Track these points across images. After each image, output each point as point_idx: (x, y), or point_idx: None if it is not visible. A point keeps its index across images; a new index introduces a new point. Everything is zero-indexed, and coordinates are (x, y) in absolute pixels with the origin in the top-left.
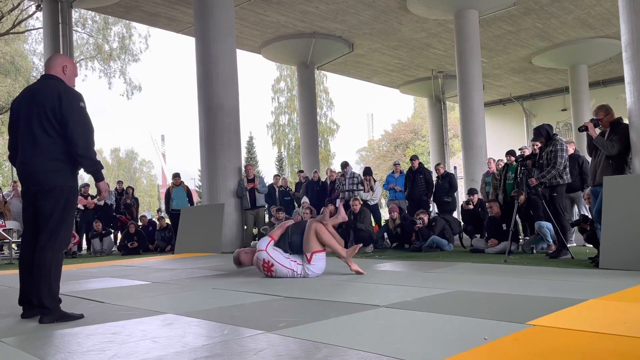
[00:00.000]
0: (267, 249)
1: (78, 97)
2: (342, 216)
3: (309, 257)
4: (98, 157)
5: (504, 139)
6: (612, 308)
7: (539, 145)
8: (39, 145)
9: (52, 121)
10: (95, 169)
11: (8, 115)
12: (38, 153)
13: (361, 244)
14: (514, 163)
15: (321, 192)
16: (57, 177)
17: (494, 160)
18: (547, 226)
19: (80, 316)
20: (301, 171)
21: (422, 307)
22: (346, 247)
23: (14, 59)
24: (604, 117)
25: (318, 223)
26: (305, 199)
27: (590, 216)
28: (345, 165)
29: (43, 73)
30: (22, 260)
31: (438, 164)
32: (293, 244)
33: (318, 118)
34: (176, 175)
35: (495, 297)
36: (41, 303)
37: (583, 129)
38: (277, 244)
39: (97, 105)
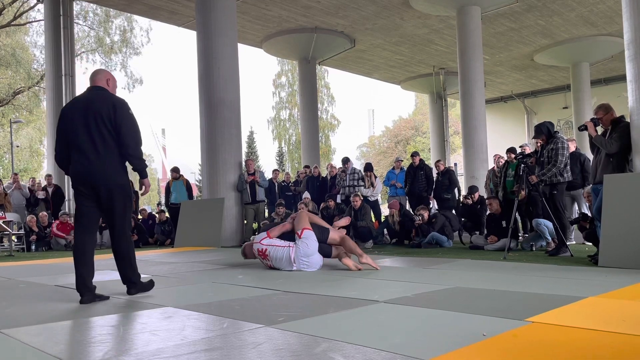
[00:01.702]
0: (261, 241)
1: (128, 106)
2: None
3: (299, 233)
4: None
5: (505, 136)
6: (611, 306)
7: (540, 142)
8: (100, 150)
9: (109, 127)
10: (142, 167)
11: (10, 108)
12: (100, 156)
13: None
14: (514, 160)
15: (321, 187)
16: (120, 176)
17: (499, 156)
18: (545, 224)
19: (152, 285)
20: (307, 166)
21: (421, 302)
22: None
23: (15, 50)
24: (604, 116)
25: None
26: (306, 194)
27: (590, 214)
28: (346, 161)
29: (89, 86)
30: (79, 248)
31: (438, 161)
32: (290, 235)
33: (319, 113)
34: (175, 170)
35: (494, 294)
36: (129, 279)
37: (583, 128)
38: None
39: None
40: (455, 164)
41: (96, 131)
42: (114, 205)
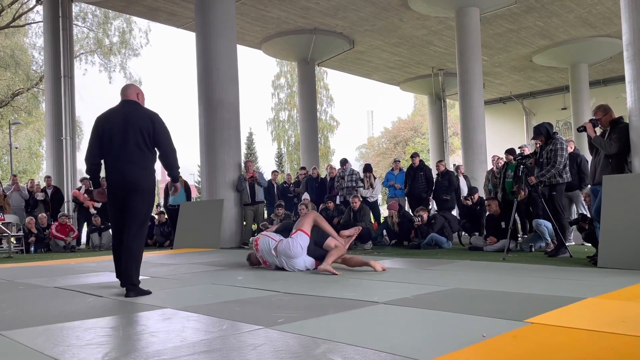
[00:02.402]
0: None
1: (163, 120)
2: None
3: (293, 232)
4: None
5: (504, 137)
6: (610, 306)
7: (540, 143)
8: (133, 157)
9: (146, 139)
10: (177, 174)
11: (9, 109)
12: (132, 163)
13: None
14: (513, 161)
15: (320, 189)
16: (146, 181)
17: (498, 157)
18: (545, 224)
19: (149, 292)
20: (303, 168)
21: (421, 304)
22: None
23: (13, 52)
24: (603, 117)
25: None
26: (305, 195)
27: (588, 215)
28: (344, 162)
29: (122, 99)
30: (116, 248)
31: (440, 161)
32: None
33: (318, 114)
34: None
35: (493, 295)
36: (130, 281)
37: (582, 129)
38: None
39: (97, 99)
40: (454, 165)
41: (133, 141)
42: (138, 206)
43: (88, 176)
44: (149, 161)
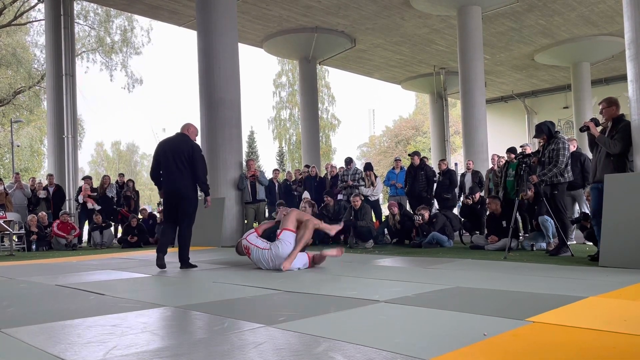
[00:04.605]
0: (247, 238)
1: (200, 149)
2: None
3: (279, 233)
4: (99, 151)
5: (506, 136)
6: (611, 305)
7: (542, 142)
8: (181, 175)
9: (185, 162)
10: (207, 190)
11: (10, 107)
12: (181, 179)
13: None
14: (514, 160)
15: (319, 187)
16: (188, 190)
17: (498, 156)
18: (550, 221)
19: (196, 266)
20: (307, 166)
21: (422, 302)
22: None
23: (15, 50)
24: (605, 108)
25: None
26: (306, 194)
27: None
28: (349, 161)
29: (179, 131)
30: (165, 234)
31: (442, 160)
32: (273, 234)
33: (319, 113)
34: None
35: (495, 294)
36: (184, 258)
37: (584, 129)
38: (262, 236)
39: (98, 97)
40: (456, 164)
41: (180, 163)
42: (186, 207)
43: (90, 176)
44: (190, 177)
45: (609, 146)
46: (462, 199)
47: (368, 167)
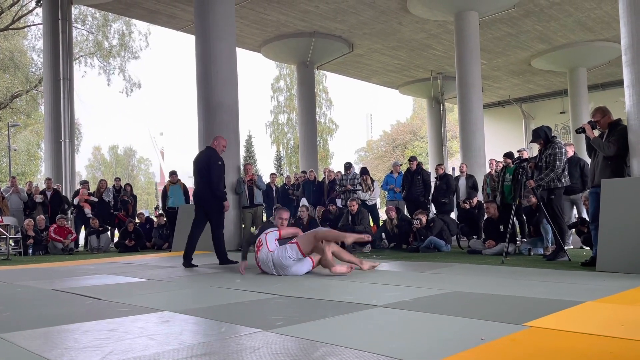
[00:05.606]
0: (267, 234)
1: (216, 158)
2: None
3: (292, 240)
4: (97, 155)
5: (503, 140)
6: (609, 310)
7: (540, 147)
8: (202, 181)
9: (204, 170)
10: (220, 196)
11: (7, 111)
12: (202, 186)
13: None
14: (511, 165)
15: (317, 192)
16: (209, 196)
17: (496, 161)
18: (548, 226)
19: (235, 262)
20: (304, 171)
21: (419, 307)
22: (343, 247)
23: (13, 54)
24: (601, 119)
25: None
26: (303, 202)
27: (588, 219)
28: (349, 166)
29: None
30: (193, 235)
31: (439, 164)
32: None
33: (317, 117)
34: (173, 173)
35: (492, 298)
36: (219, 255)
37: (580, 130)
38: (280, 240)
39: (96, 102)
40: (453, 169)
41: (204, 172)
42: (213, 211)
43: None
44: (207, 183)
45: (603, 148)
46: (455, 202)
47: (364, 171)
